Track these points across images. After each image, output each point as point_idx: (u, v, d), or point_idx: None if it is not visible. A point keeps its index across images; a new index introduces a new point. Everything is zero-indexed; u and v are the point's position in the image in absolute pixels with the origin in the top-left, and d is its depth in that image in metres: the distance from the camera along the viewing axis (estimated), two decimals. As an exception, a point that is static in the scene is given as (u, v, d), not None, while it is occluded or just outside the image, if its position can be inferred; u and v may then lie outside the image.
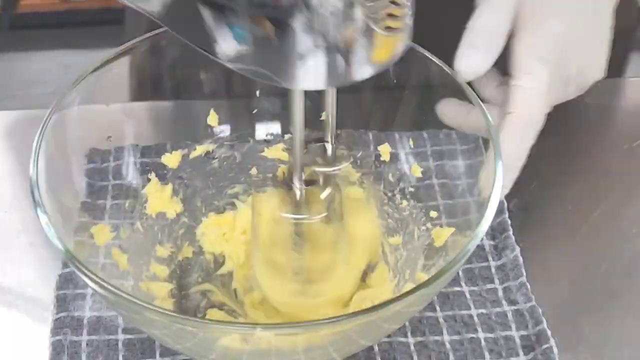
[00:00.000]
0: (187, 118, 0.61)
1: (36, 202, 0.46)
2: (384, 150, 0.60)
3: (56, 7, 2.06)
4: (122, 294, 0.43)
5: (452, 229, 0.53)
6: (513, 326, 0.54)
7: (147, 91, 0.62)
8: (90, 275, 0.44)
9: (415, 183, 0.59)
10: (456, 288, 0.56)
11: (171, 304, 0.55)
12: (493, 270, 0.58)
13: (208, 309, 0.55)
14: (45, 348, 0.53)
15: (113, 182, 0.58)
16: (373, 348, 0.53)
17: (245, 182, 0.61)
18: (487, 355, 0.53)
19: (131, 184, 0.58)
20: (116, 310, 0.50)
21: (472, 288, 0.56)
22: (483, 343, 0.53)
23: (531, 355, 0.53)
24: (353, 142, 0.62)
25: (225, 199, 0.61)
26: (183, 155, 0.60)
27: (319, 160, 0.52)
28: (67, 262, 0.45)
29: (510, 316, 0.55)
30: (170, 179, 0.59)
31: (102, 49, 0.58)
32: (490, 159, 0.49)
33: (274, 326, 0.49)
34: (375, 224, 0.58)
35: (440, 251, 0.54)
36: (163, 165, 0.59)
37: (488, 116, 0.51)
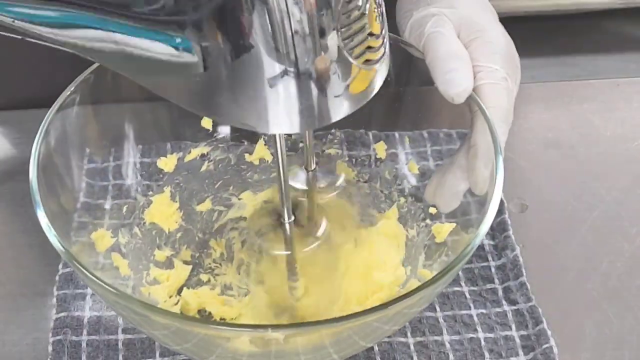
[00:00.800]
0: (185, 118, 0.61)
1: (36, 203, 0.46)
2: (380, 148, 0.60)
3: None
4: (126, 295, 0.43)
5: (453, 225, 0.54)
6: (513, 326, 0.54)
7: (147, 91, 0.61)
8: (90, 275, 0.44)
9: (415, 183, 0.59)
10: (456, 288, 0.56)
11: (175, 307, 0.55)
12: (493, 270, 0.58)
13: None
14: (45, 348, 0.53)
15: (113, 183, 0.58)
16: (373, 348, 0.53)
17: (240, 184, 0.61)
18: (487, 355, 0.53)
19: (131, 185, 0.59)
20: (116, 310, 0.50)
21: (472, 288, 0.57)
22: (483, 343, 0.54)
23: (531, 355, 0.53)
24: (352, 142, 0.62)
25: (221, 201, 0.61)
26: (178, 158, 0.60)
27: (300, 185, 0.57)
28: (68, 262, 0.45)
29: (510, 316, 0.55)
30: (166, 183, 0.59)
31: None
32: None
33: (285, 327, 0.48)
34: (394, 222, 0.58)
35: (441, 247, 0.54)
36: (159, 169, 0.60)
37: (488, 116, 0.51)
